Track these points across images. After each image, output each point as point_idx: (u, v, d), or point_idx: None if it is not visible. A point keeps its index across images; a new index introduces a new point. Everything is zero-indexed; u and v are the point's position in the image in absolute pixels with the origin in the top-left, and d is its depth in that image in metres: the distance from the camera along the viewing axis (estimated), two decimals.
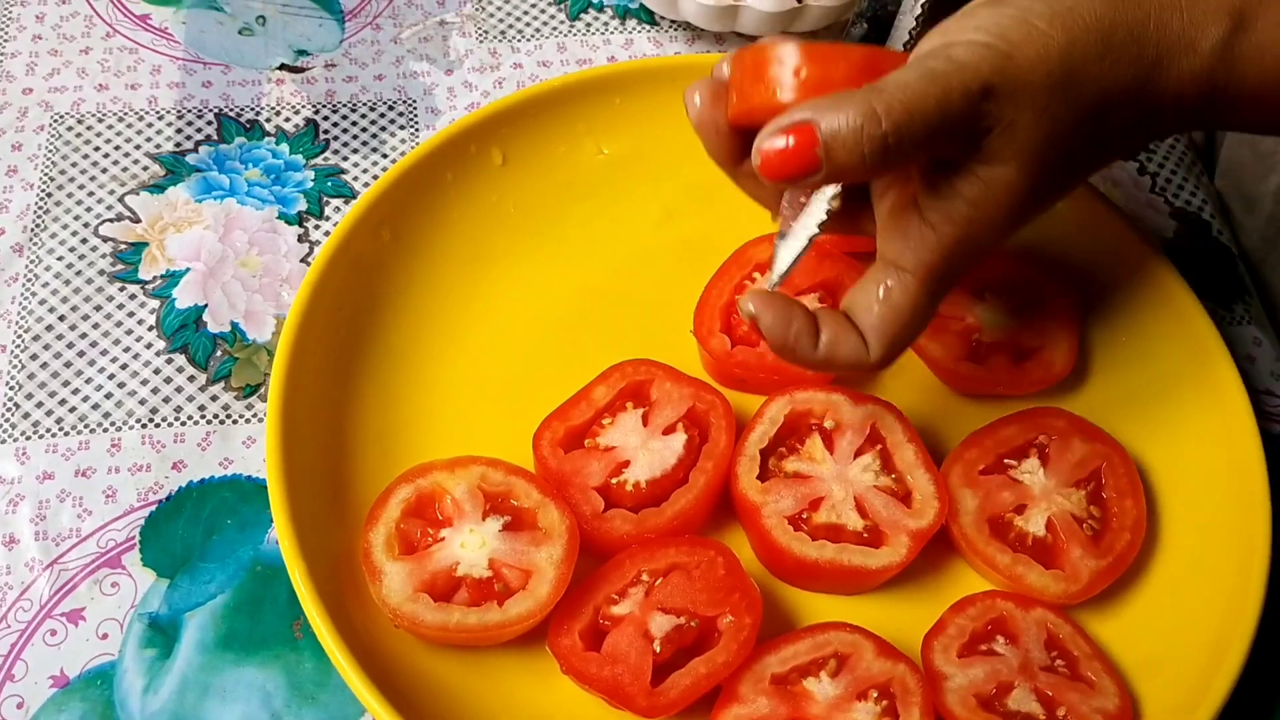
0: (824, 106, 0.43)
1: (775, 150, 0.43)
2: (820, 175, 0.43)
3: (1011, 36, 0.43)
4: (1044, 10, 0.43)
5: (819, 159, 0.42)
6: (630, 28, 0.73)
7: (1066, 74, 0.43)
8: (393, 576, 0.48)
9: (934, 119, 0.42)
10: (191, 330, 0.59)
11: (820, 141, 0.42)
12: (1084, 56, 0.43)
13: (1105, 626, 0.51)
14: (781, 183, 0.44)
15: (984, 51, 0.43)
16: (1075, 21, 0.43)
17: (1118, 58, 0.44)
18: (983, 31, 0.43)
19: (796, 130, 0.42)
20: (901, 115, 0.42)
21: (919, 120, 0.42)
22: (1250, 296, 0.65)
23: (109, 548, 0.53)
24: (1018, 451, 0.54)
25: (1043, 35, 0.43)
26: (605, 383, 0.54)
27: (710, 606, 0.48)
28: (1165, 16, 0.44)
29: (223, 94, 0.68)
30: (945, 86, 0.42)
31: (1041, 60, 0.43)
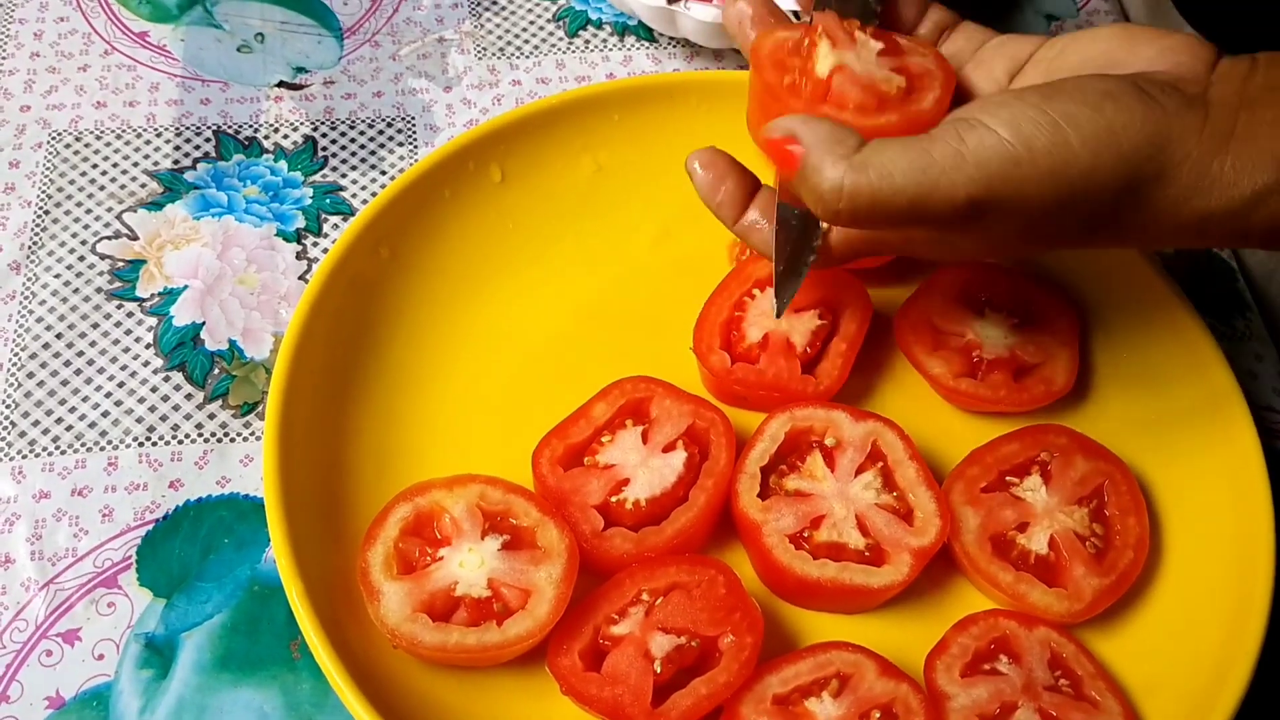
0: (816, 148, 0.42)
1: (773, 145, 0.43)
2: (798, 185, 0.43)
3: (1035, 143, 0.41)
4: (1087, 124, 0.41)
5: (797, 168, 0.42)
6: (629, 44, 0.73)
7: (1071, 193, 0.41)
8: (391, 596, 0.48)
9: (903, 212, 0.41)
10: (189, 348, 0.59)
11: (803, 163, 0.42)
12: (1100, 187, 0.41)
13: (1108, 645, 0.51)
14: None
15: (993, 152, 0.41)
16: (1109, 145, 0.41)
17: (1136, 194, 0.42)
18: (1009, 126, 0.41)
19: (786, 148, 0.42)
20: (864, 202, 0.41)
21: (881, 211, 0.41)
22: (1251, 312, 0.64)
23: (105, 567, 0.52)
24: (1019, 469, 0.53)
25: (1066, 150, 0.41)
26: (604, 400, 0.54)
27: (711, 626, 0.48)
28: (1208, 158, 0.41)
29: (221, 111, 0.68)
30: (929, 188, 0.40)
31: (1050, 177, 0.41)
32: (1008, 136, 0.41)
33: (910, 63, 0.47)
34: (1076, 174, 0.41)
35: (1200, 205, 0.42)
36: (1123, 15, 0.77)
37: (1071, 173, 0.41)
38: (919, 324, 0.57)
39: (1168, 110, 0.42)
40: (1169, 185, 0.42)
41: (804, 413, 0.54)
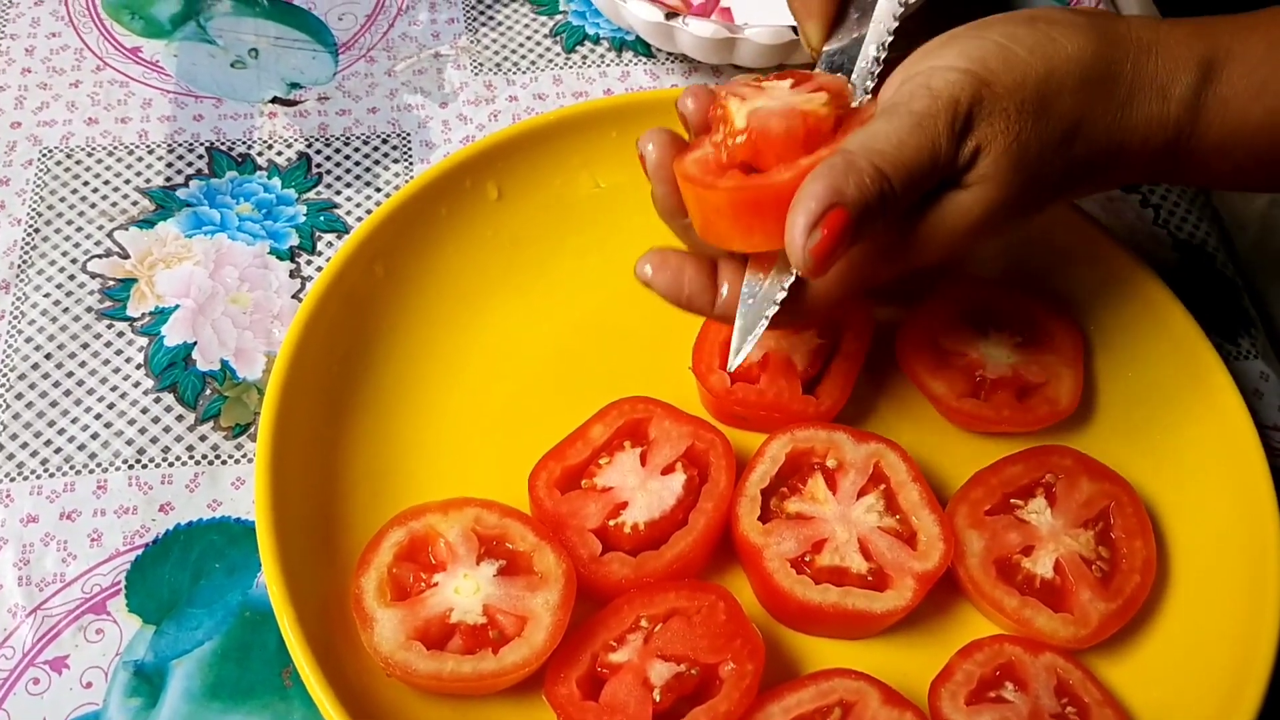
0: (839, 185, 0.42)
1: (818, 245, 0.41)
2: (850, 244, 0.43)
3: (991, 64, 0.44)
4: (1027, 38, 0.45)
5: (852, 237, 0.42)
6: (626, 60, 0.73)
7: (1040, 101, 0.44)
8: (384, 624, 0.47)
9: (926, 166, 0.43)
10: (180, 368, 0.58)
11: (851, 219, 0.41)
12: (1059, 86, 0.45)
13: (1116, 671, 0.50)
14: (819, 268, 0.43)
15: (963, 79, 0.44)
16: (1056, 52, 0.45)
17: (1092, 91, 0.45)
18: (964, 58, 0.45)
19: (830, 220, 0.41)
20: (902, 173, 0.43)
21: (915, 172, 0.43)
22: (1256, 330, 0.64)
23: (94, 593, 0.51)
24: (1024, 491, 0.52)
25: (1022, 63, 0.45)
26: (602, 421, 0.53)
27: (711, 653, 0.47)
28: (1142, 59, 0.46)
29: (214, 127, 0.67)
30: (933, 133, 0.43)
31: (1018, 87, 0.44)
32: (964, 65, 0.44)
33: (825, 83, 0.46)
34: (1036, 80, 0.44)
35: (1148, 109, 0.46)
36: None
37: (1031, 79, 0.44)
38: (921, 343, 0.56)
39: (1094, 18, 0.46)
40: (1117, 83, 0.45)
41: (805, 434, 0.53)
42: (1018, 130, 0.44)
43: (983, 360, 0.56)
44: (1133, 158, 0.46)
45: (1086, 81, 0.45)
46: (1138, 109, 0.46)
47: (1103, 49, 0.45)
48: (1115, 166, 0.47)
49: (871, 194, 0.41)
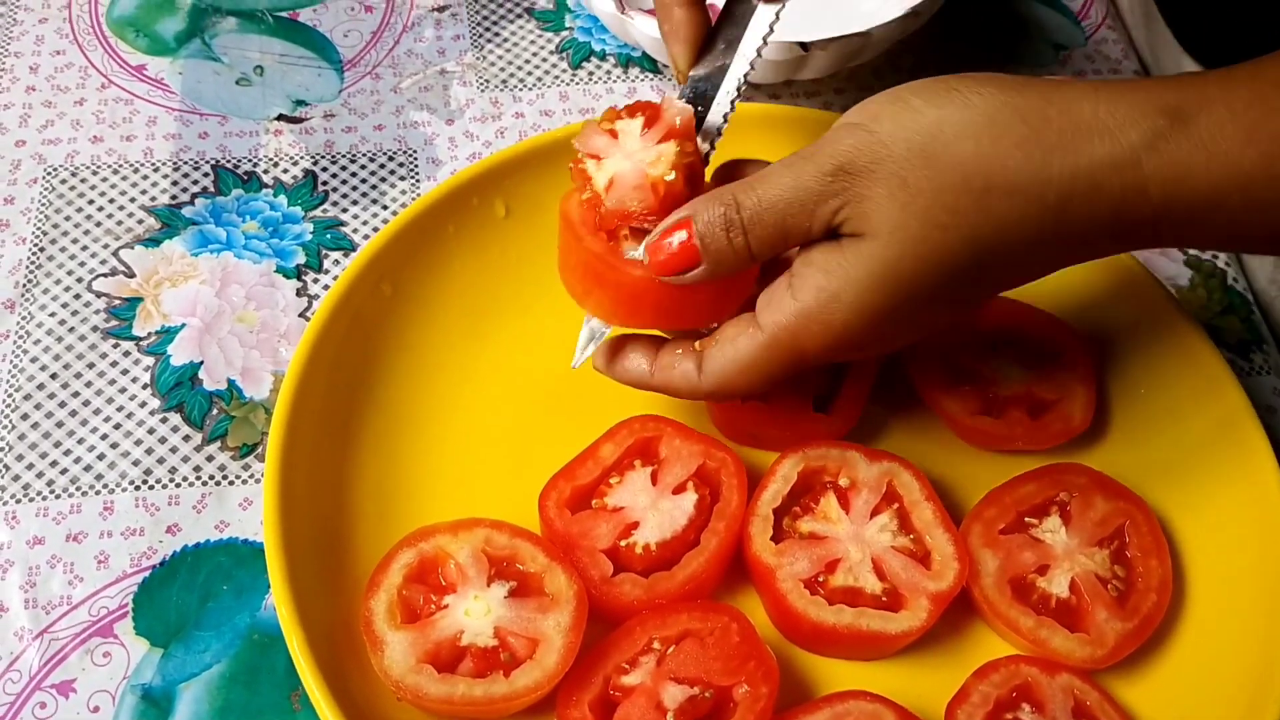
0: (699, 202, 0.46)
1: (662, 251, 0.46)
2: (704, 269, 0.46)
3: (881, 115, 0.43)
4: (927, 94, 0.43)
5: (699, 253, 0.45)
6: (633, 76, 0.73)
7: (928, 143, 0.42)
8: (395, 647, 0.46)
9: (787, 200, 0.44)
10: (187, 388, 0.58)
11: (696, 234, 0.45)
12: (955, 131, 0.42)
13: (1133, 691, 0.49)
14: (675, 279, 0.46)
15: (846, 132, 0.44)
16: (952, 101, 0.43)
17: (999, 135, 0.42)
18: (858, 113, 0.44)
19: (678, 226, 0.46)
20: (755, 206, 0.44)
21: (771, 203, 0.44)
22: (1268, 345, 0.63)
23: (101, 616, 0.51)
24: (1038, 509, 0.52)
25: (912, 111, 0.43)
26: (612, 440, 0.53)
27: (725, 675, 0.47)
28: (1074, 105, 0.42)
29: (220, 145, 0.67)
30: (799, 171, 0.44)
31: (902, 132, 0.43)
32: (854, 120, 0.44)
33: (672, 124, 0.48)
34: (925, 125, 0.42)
35: (1092, 152, 0.41)
36: (1128, 42, 0.77)
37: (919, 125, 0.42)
38: (934, 361, 0.56)
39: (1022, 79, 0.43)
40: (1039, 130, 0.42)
41: (817, 452, 0.53)
42: (904, 175, 0.42)
43: (995, 378, 0.56)
44: (1088, 209, 0.42)
45: (991, 125, 0.42)
46: (1077, 154, 0.41)
47: (1015, 99, 0.42)
48: (1069, 222, 0.42)
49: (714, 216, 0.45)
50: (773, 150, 0.51)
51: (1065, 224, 0.43)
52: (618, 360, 0.50)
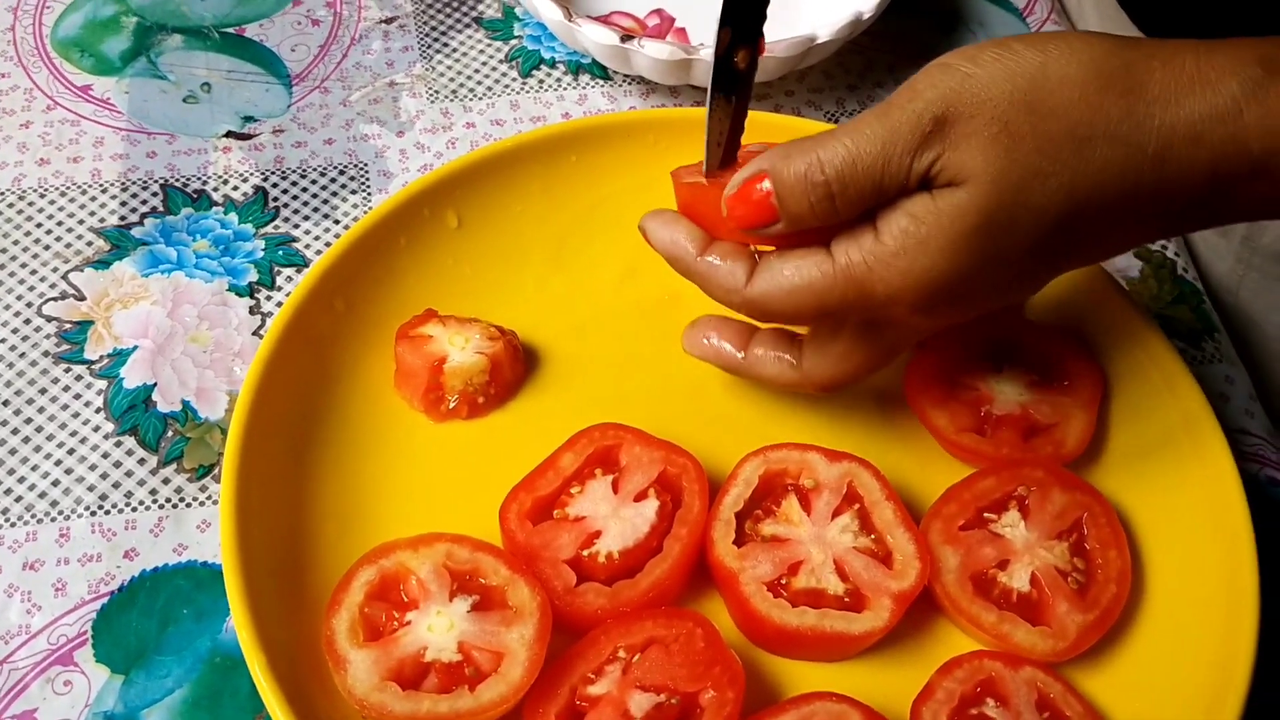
0: (779, 155, 0.45)
1: (739, 202, 0.46)
2: (780, 225, 0.45)
3: (981, 57, 0.42)
4: (1031, 40, 0.42)
5: (776, 210, 0.45)
6: (583, 83, 0.72)
7: (1031, 89, 0.42)
8: (358, 665, 0.46)
9: (877, 161, 0.43)
10: (141, 411, 0.57)
11: (774, 194, 0.45)
12: (1060, 78, 0.42)
13: (1096, 683, 0.50)
14: (750, 232, 0.46)
15: (941, 75, 0.43)
16: (1057, 47, 0.42)
17: (1105, 84, 0.42)
18: (956, 54, 0.43)
19: (754, 180, 0.45)
20: (843, 162, 0.43)
21: (863, 164, 0.43)
22: (1219, 333, 0.64)
23: (60, 644, 0.50)
24: (997, 505, 0.52)
25: (1015, 55, 0.42)
26: (572, 449, 0.53)
27: (691, 682, 0.47)
28: (1176, 57, 0.42)
29: (168, 164, 0.67)
30: (893, 124, 0.42)
31: (1006, 77, 0.42)
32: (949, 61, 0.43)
33: None
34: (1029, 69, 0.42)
35: (1194, 104, 0.41)
36: None
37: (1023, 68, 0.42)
38: (931, 373, 0.55)
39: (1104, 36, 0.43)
40: (1143, 82, 0.41)
41: (778, 455, 0.53)
42: (1005, 119, 0.41)
43: (992, 395, 0.55)
44: (1187, 160, 0.42)
45: (1097, 74, 0.42)
46: (1179, 105, 0.41)
47: (1120, 51, 0.42)
48: (1167, 175, 0.42)
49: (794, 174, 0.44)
50: None
51: (1163, 177, 0.42)
52: (666, 229, 0.49)
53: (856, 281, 0.45)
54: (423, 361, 0.55)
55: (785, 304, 0.46)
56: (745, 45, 0.49)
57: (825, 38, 0.66)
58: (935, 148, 0.42)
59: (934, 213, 0.43)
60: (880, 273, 0.44)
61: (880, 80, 0.73)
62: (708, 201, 0.49)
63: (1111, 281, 0.58)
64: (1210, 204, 0.44)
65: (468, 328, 0.57)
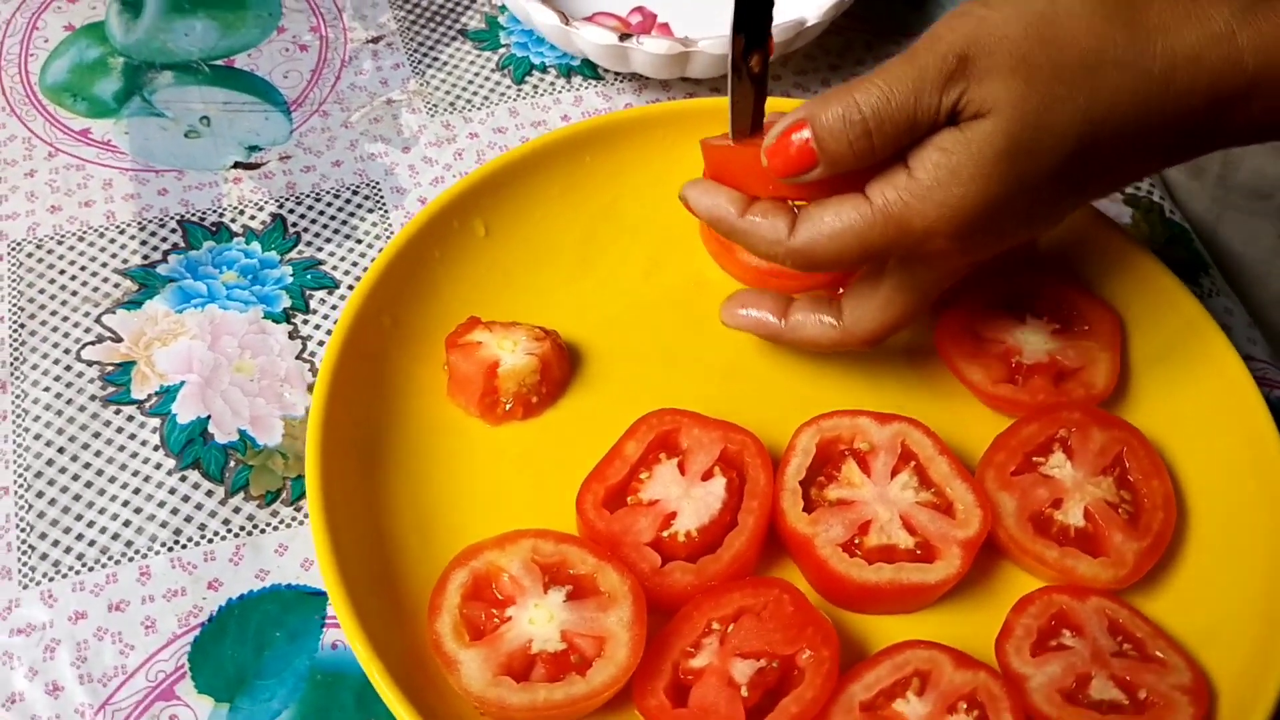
0: (815, 103, 0.47)
1: (779, 152, 0.48)
2: (820, 170, 0.48)
3: (994, 1, 0.46)
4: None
5: (815, 154, 0.47)
6: (577, 84, 0.74)
7: (1044, 24, 0.45)
8: (469, 664, 0.47)
9: (909, 98, 0.45)
10: (199, 444, 0.57)
11: (813, 137, 0.47)
12: (1069, 12, 0.45)
13: (1155, 606, 0.52)
14: (789, 180, 0.49)
15: (960, 20, 0.46)
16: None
17: (1109, 15, 0.45)
18: (971, 3, 0.46)
19: (793, 129, 0.47)
20: (879, 101, 0.46)
21: (896, 101, 0.45)
22: (1212, 269, 0.68)
23: (159, 680, 0.51)
24: (1042, 448, 0.55)
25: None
26: (634, 437, 0.55)
27: (786, 645, 0.49)
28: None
29: (181, 199, 0.67)
30: (920, 65, 0.45)
31: (1019, 16, 0.45)
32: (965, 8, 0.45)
33: None
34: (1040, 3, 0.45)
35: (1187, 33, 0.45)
36: None
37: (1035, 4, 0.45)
38: (959, 331, 0.58)
39: None
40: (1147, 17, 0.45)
41: (830, 423, 0.55)
42: (1024, 53, 0.45)
43: (1019, 347, 0.58)
44: (1189, 82, 0.45)
45: (1101, 7, 0.45)
46: (1178, 31, 0.45)
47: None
48: (1172, 97, 0.46)
49: (833, 117, 0.46)
50: None
51: (1169, 99, 0.46)
52: (708, 195, 0.51)
53: (895, 219, 0.47)
54: (477, 368, 0.57)
55: (829, 249, 0.48)
56: (758, 48, 0.51)
57: (814, 20, 0.69)
58: (961, 84, 0.45)
59: (963, 143, 0.46)
60: (917, 207, 0.47)
61: (860, 58, 0.76)
62: (741, 163, 0.51)
63: (1114, 226, 0.62)
64: (1210, 125, 0.48)
65: (513, 331, 0.58)
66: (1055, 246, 0.62)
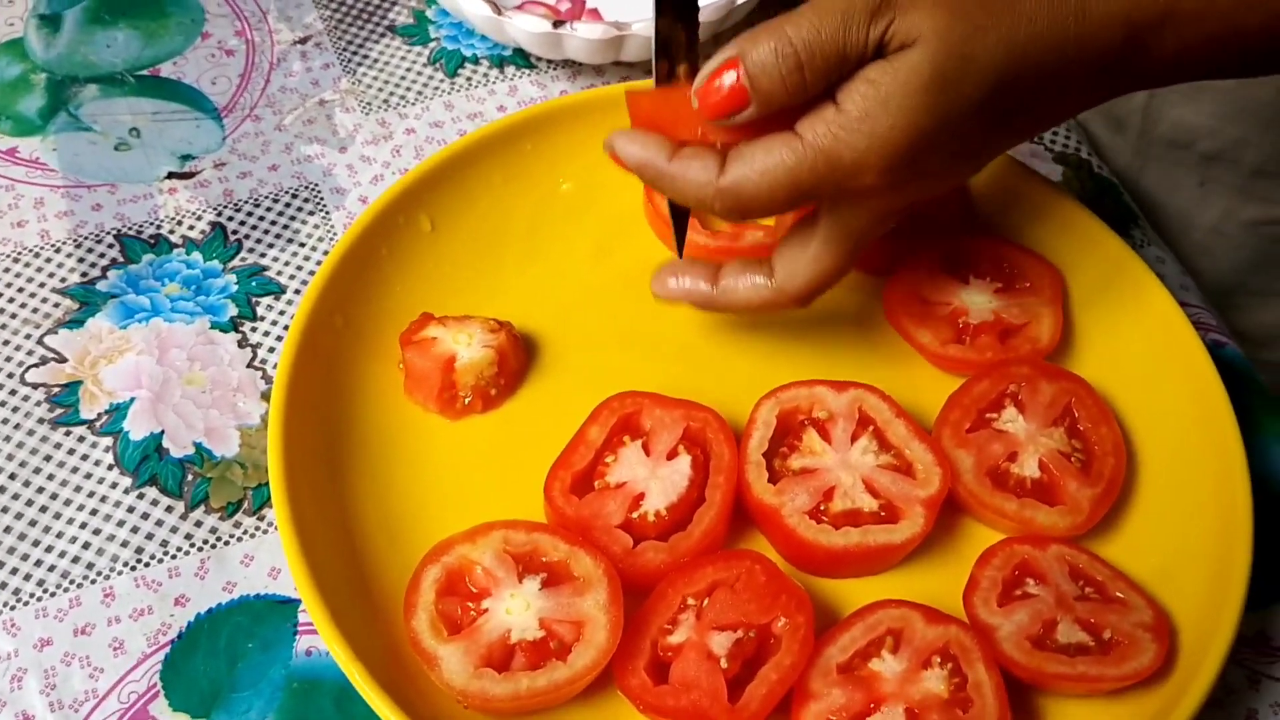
0: (744, 40, 0.47)
1: (710, 93, 0.47)
2: (753, 108, 0.47)
3: None
4: None
5: (748, 92, 0.47)
6: (510, 74, 0.74)
7: None
8: (449, 659, 0.47)
9: (838, 31, 0.46)
10: (155, 460, 0.57)
11: (744, 74, 0.46)
12: None
13: (1112, 550, 0.54)
14: (721, 122, 0.48)
15: None
16: None
17: None
18: None
19: (724, 68, 0.47)
20: (809, 34, 0.46)
21: (826, 34, 0.46)
22: (1141, 220, 0.70)
23: (132, 701, 0.50)
24: (994, 404, 0.56)
25: None
26: (596, 422, 0.55)
27: (761, 614, 0.49)
28: None
29: (116, 214, 0.66)
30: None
31: None
32: None
33: None
34: None
35: None
36: None
37: None
38: (907, 297, 0.59)
39: None
40: None
41: (788, 394, 0.56)
42: None
43: (965, 308, 0.59)
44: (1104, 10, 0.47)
45: None
46: None
47: None
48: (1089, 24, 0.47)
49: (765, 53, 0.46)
50: None
51: (1084, 28, 0.46)
52: (635, 142, 0.51)
53: (825, 152, 0.47)
54: (433, 364, 0.57)
55: (760, 186, 0.48)
56: None
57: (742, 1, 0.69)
58: (887, 15, 0.46)
59: (890, 73, 0.46)
60: (846, 139, 0.47)
61: None
62: (670, 107, 0.50)
63: (1048, 183, 0.63)
64: (1126, 59, 0.49)
65: (467, 325, 0.58)
66: (992, 207, 0.63)
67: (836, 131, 0.47)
